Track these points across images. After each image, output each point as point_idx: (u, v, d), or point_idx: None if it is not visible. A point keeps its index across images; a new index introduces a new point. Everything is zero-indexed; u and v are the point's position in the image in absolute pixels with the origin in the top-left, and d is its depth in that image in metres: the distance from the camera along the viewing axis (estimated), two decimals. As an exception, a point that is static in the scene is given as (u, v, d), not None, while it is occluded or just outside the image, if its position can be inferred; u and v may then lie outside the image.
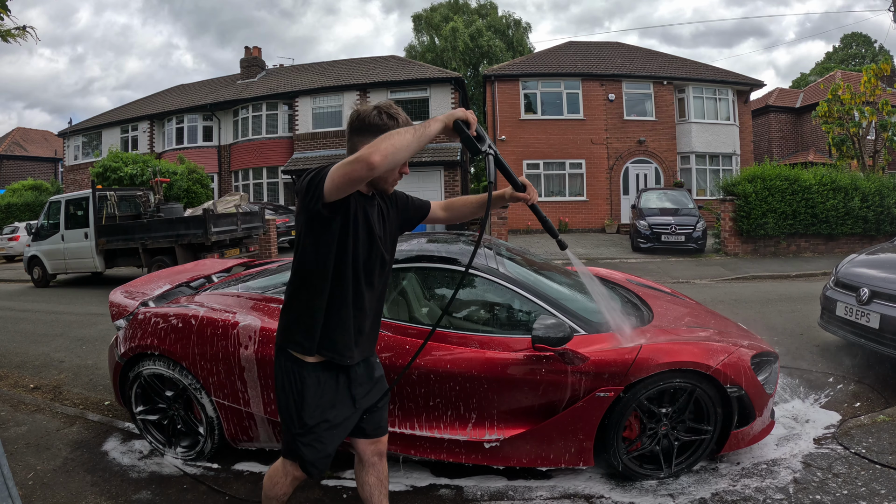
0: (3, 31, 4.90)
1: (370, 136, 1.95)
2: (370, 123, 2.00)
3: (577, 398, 2.97)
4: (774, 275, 11.14)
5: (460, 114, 1.93)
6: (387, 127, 1.97)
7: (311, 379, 2.08)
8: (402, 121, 2.02)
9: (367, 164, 1.75)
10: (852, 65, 42.89)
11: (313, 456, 2.12)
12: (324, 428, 2.10)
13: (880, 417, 3.80)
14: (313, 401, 2.08)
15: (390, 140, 1.78)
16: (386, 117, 2.01)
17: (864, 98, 15.90)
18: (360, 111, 2.06)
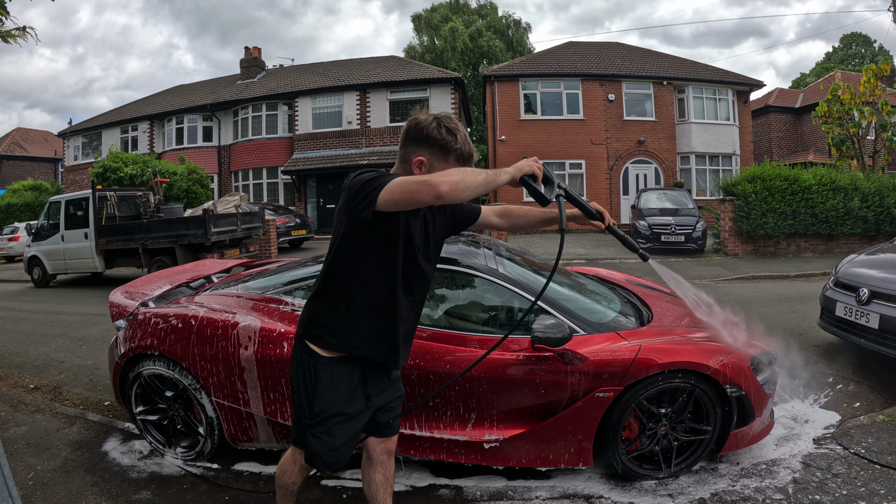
0: (2, 32, 4.91)
1: (426, 148, 1.99)
2: (428, 136, 1.99)
3: (577, 398, 2.97)
4: (774, 275, 11.14)
5: (527, 169, 1.92)
6: (444, 142, 1.97)
7: (325, 373, 2.08)
8: (461, 138, 2.00)
9: (434, 193, 1.74)
10: (852, 65, 42.91)
11: (321, 448, 2.12)
12: (335, 421, 2.10)
13: (880, 418, 3.80)
14: (326, 394, 2.08)
15: (463, 175, 1.78)
16: (445, 132, 1.99)
17: (863, 98, 15.91)
18: (419, 120, 2.02)
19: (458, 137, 1.99)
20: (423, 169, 1.99)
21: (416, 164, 2.00)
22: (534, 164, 1.94)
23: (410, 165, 2.01)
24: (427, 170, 1.99)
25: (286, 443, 3.32)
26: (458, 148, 1.99)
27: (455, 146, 1.99)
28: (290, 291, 3.49)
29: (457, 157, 2.01)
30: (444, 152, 1.99)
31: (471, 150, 2.04)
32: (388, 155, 21.00)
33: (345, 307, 2.05)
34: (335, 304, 2.07)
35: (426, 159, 1.99)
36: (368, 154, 21.25)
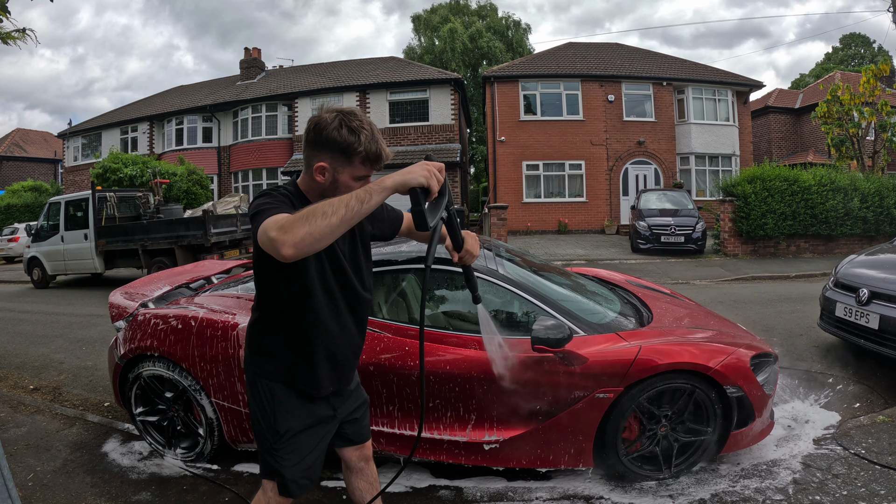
0: (3, 34, 4.91)
1: (326, 152, 1.75)
2: (328, 139, 1.74)
3: (577, 399, 2.97)
4: (774, 275, 11.14)
5: (420, 180, 1.58)
6: (346, 144, 1.72)
7: (281, 390, 1.95)
8: (366, 137, 1.74)
9: (278, 253, 1.49)
10: (852, 65, 42.93)
11: (292, 470, 1.96)
12: (303, 436, 1.98)
13: (880, 418, 3.80)
14: (284, 411, 1.95)
15: (310, 228, 1.47)
16: (347, 132, 1.73)
17: (863, 99, 15.92)
18: (319, 119, 1.77)
19: (361, 137, 1.73)
20: (326, 176, 1.77)
21: (317, 171, 1.78)
22: (429, 173, 1.61)
23: (313, 172, 1.79)
24: (330, 177, 1.77)
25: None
26: (361, 151, 1.74)
27: (359, 148, 1.73)
28: None
29: (362, 160, 1.76)
30: (347, 156, 1.75)
31: (378, 150, 1.77)
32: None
33: (276, 334, 1.93)
34: (265, 330, 1.95)
35: (328, 164, 1.76)
36: (368, 155, 21.25)
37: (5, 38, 4.92)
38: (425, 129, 21.46)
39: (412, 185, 1.58)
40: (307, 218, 1.48)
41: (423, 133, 21.46)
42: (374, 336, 3.17)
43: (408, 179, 1.58)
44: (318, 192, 1.81)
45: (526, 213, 20.72)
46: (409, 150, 21.22)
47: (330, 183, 1.78)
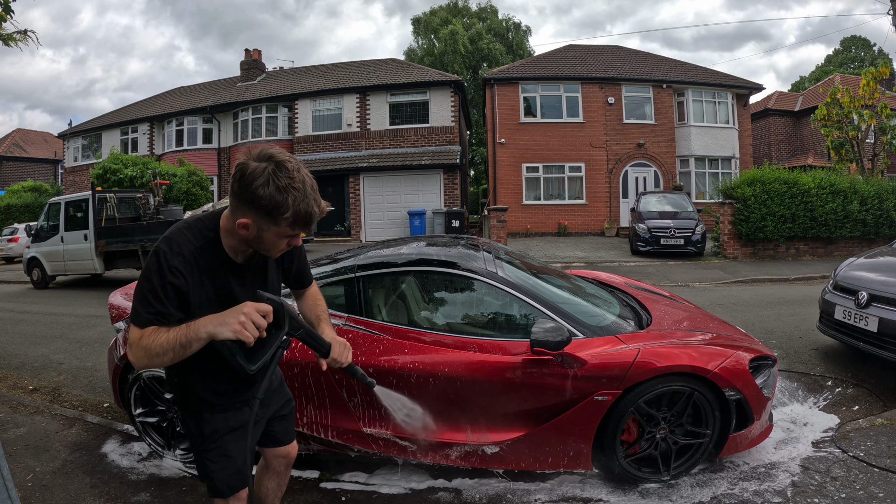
0: (4, 35, 4.92)
1: (251, 210, 1.62)
2: (253, 196, 1.59)
3: (576, 402, 2.97)
4: (773, 278, 11.15)
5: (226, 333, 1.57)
6: (272, 205, 1.59)
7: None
8: (294, 199, 1.60)
9: (129, 359, 1.69)
10: (851, 68, 42.99)
11: (222, 471, 1.96)
12: (230, 438, 1.96)
13: (879, 421, 3.81)
14: (212, 416, 1.96)
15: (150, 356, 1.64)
16: (274, 191, 1.58)
17: (862, 101, 15.93)
18: (246, 169, 1.60)
19: (289, 199, 1.59)
20: (249, 232, 1.66)
21: (240, 226, 1.66)
22: (241, 326, 1.57)
23: (235, 224, 1.68)
24: (253, 234, 1.67)
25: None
26: (289, 215, 1.61)
27: (286, 213, 1.60)
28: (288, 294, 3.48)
29: (290, 224, 1.64)
30: (273, 217, 1.62)
31: (309, 211, 1.64)
32: (388, 157, 21.03)
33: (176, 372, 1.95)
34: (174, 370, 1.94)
35: (251, 221, 1.64)
36: (368, 157, 21.28)
37: (6, 40, 4.92)
38: (425, 131, 21.48)
39: (220, 339, 1.59)
40: (147, 352, 1.64)
41: (423, 135, 21.48)
42: (373, 338, 3.18)
43: (218, 332, 1.59)
44: (240, 239, 1.73)
45: (526, 216, 20.72)
46: (409, 152, 21.25)
47: (253, 237, 1.69)
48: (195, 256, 1.73)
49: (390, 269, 3.46)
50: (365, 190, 21.10)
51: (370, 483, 3.27)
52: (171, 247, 1.70)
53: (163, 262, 1.68)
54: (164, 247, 1.70)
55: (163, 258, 1.68)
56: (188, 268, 1.71)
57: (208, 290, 1.76)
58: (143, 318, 1.67)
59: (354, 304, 3.34)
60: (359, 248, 4.00)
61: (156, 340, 1.63)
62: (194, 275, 1.72)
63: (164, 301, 1.67)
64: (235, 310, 1.61)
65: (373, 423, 3.15)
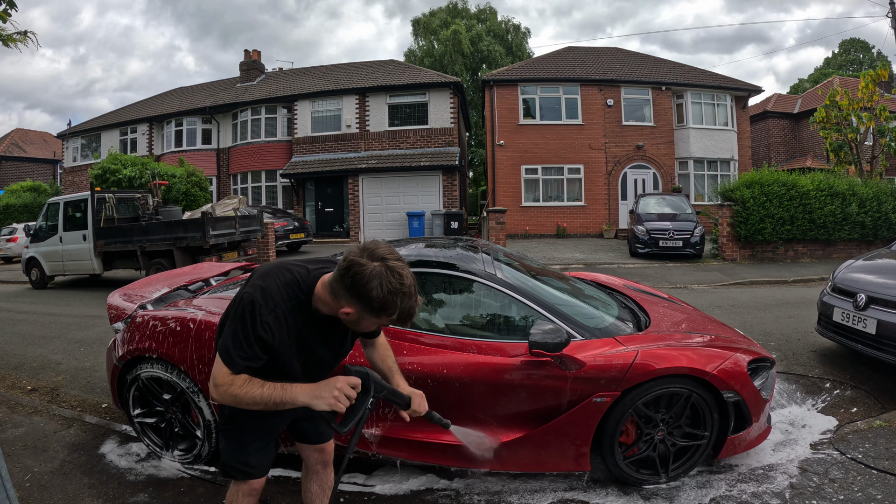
0: (4, 36, 4.91)
1: (359, 303, 1.75)
2: (366, 295, 1.72)
3: (574, 403, 2.97)
4: (772, 280, 11.16)
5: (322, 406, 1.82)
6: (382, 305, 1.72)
7: None
8: (402, 302, 1.74)
9: (212, 394, 1.83)
10: (851, 70, 43.06)
11: (230, 455, 2.08)
12: (248, 424, 2.06)
13: (877, 423, 3.81)
14: None
15: (238, 401, 1.81)
16: (387, 293, 1.71)
17: (861, 104, 15.95)
18: (362, 270, 1.72)
19: (398, 301, 1.73)
20: (350, 318, 1.81)
21: (342, 313, 1.82)
22: (335, 400, 1.81)
23: (338, 308, 1.83)
24: (353, 319, 1.81)
25: (284, 445, 3.32)
26: (395, 316, 1.76)
27: (393, 314, 1.75)
28: None
29: (393, 322, 1.80)
30: (377, 314, 1.76)
31: (411, 311, 1.78)
32: (387, 159, 21.02)
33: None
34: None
35: (354, 311, 1.78)
36: (367, 158, 21.28)
37: (6, 41, 4.92)
38: (424, 133, 21.48)
39: (318, 410, 1.82)
40: (236, 399, 1.80)
41: (423, 136, 21.48)
42: (372, 339, 3.17)
43: (314, 404, 1.81)
44: (332, 311, 1.86)
45: (524, 217, 20.73)
46: (408, 154, 21.24)
47: (352, 321, 1.84)
48: (286, 317, 1.86)
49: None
50: (364, 191, 21.09)
51: (369, 484, 3.28)
52: (267, 301, 1.83)
53: (257, 315, 1.81)
54: (259, 299, 1.82)
55: (258, 310, 1.81)
56: (278, 325, 1.84)
57: (293, 345, 1.91)
58: (237, 364, 1.81)
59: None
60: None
61: (249, 392, 1.80)
62: (282, 332, 1.86)
63: (255, 348, 1.82)
64: (330, 384, 1.84)
65: (371, 423, 3.15)
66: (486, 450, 2.79)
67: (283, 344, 1.87)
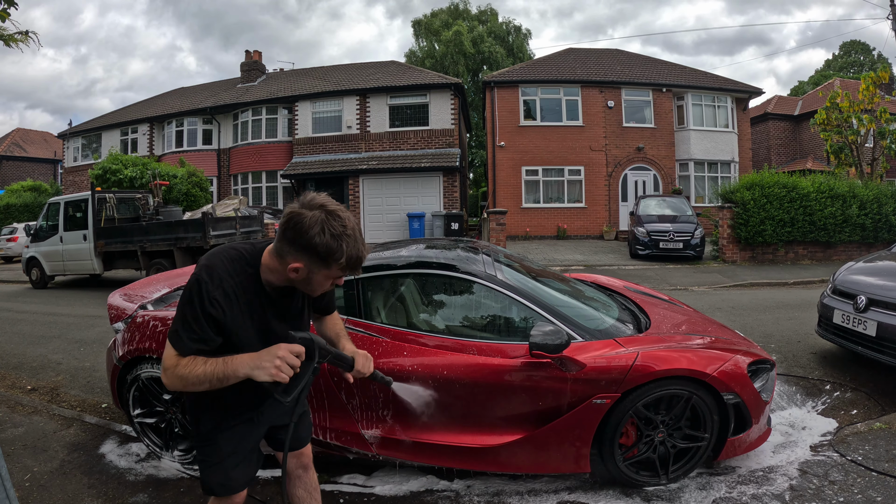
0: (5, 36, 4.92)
1: (304, 256, 1.72)
2: (309, 244, 1.69)
3: (575, 405, 2.97)
4: (772, 282, 11.16)
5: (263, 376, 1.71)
6: (327, 251, 1.69)
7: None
8: (348, 245, 1.71)
9: (163, 380, 1.78)
10: (851, 72, 43.06)
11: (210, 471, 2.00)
12: (224, 437, 1.99)
13: (877, 425, 3.81)
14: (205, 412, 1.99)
15: (186, 384, 1.75)
16: (329, 238, 1.68)
17: (862, 106, 15.94)
18: (301, 218, 1.70)
19: (343, 246, 1.70)
20: (299, 275, 1.77)
21: (290, 270, 1.76)
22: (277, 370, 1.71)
23: (285, 267, 1.77)
24: (304, 277, 1.77)
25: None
26: (343, 260, 1.72)
27: (340, 259, 1.71)
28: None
29: (342, 268, 1.75)
30: (326, 262, 1.72)
31: (360, 255, 1.75)
32: (388, 160, 21.02)
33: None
34: None
35: (304, 265, 1.74)
36: (368, 158, 21.28)
37: (7, 41, 4.92)
38: (425, 134, 21.49)
39: (259, 381, 1.72)
40: (183, 381, 1.74)
41: (423, 137, 21.49)
42: (372, 340, 3.18)
43: (255, 375, 1.72)
44: (284, 278, 1.82)
45: (525, 219, 20.73)
46: (408, 155, 21.24)
47: (302, 280, 1.79)
48: (235, 293, 1.80)
49: (389, 272, 3.47)
50: (364, 192, 21.10)
51: (368, 485, 3.28)
52: (213, 278, 1.78)
53: (204, 293, 1.75)
54: (205, 277, 1.77)
55: (204, 288, 1.75)
56: (228, 301, 1.78)
57: (246, 323, 1.85)
58: (187, 346, 1.76)
59: (353, 306, 3.34)
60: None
61: (193, 371, 1.74)
62: (234, 308, 1.80)
63: (205, 328, 1.76)
64: (271, 352, 1.73)
65: (371, 424, 3.15)
66: (426, 404, 2.84)
67: (237, 323, 1.81)
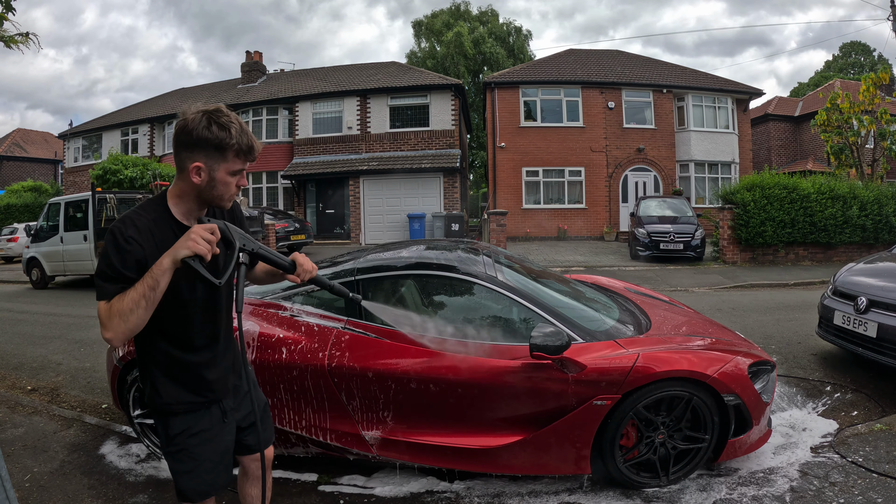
0: (5, 38, 4.92)
1: (200, 151, 1.77)
2: (199, 137, 1.75)
3: (575, 406, 2.97)
4: (772, 283, 11.15)
5: (184, 252, 1.67)
6: (218, 140, 1.76)
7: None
8: (236, 131, 1.78)
9: (108, 341, 1.73)
10: (851, 73, 43.06)
11: (187, 474, 1.96)
12: (194, 442, 1.96)
13: (877, 426, 3.81)
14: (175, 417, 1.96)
15: (127, 321, 1.67)
16: (217, 129, 1.75)
17: (862, 107, 15.94)
18: (186, 120, 1.77)
19: (232, 132, 1.77)
20: (203, 175, 1.79)
21: (193, 172, 1.79)
22: (194, 242, 1.68)
23: (188, 174, 1.80)
24: (206, 175, 1.80)
25: (283, 447, 3.32)
26: (234, 144, 1.78)
27: (231, 142, 1.77)
28: (289, 297, 3.49)
29: (236, 153, 1.80)
30: (221, 151, 1.78)
31: (250, 142, 1.83)
32: (388, 160, 21.03)
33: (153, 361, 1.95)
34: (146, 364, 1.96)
35: (203, 164, 1.78)
36: (368, 159, 21.29)
37: (8, 42, 4.92)
38: (425, 135, 21.50)
39: (182, 258, 1.68)
40: (121, 316, 1.67)
41: (424, 138, 21.50)
42: (373, 342, 3.18)
43: (176, 254, 1.68)
44: (195, 194, 1.85)
45: (525, 220, 20.74)
46: (409, 156, 21.25)
47: (207, 182, 1.81)
48: (149, 228, 1.79)
49: (390, 273, 3.47)
50: (365, 193, 21.10)
51: (368, 486, 3.27)
52: (125, 221, 1.79)
53: (118, 236, 1.74)
54: (118, 224, 1.78)
55: (118, 232, 1.75)
56: (143, 237, 1.77)
57: None
58: (108, 289, 1.72)
59: (354, 307, 3.34)
60: (358, 252, 4.01)
61: (123, 300, 1.68)
62: (150, 245, 1.77)
63: (124, 270, 1.72)
64: (185, 235, 1.71)
65: (371, 426, 3.15)
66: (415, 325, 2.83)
67: (156, 258, 1.74)
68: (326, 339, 3.21)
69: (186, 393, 1.95)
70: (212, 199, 1.87)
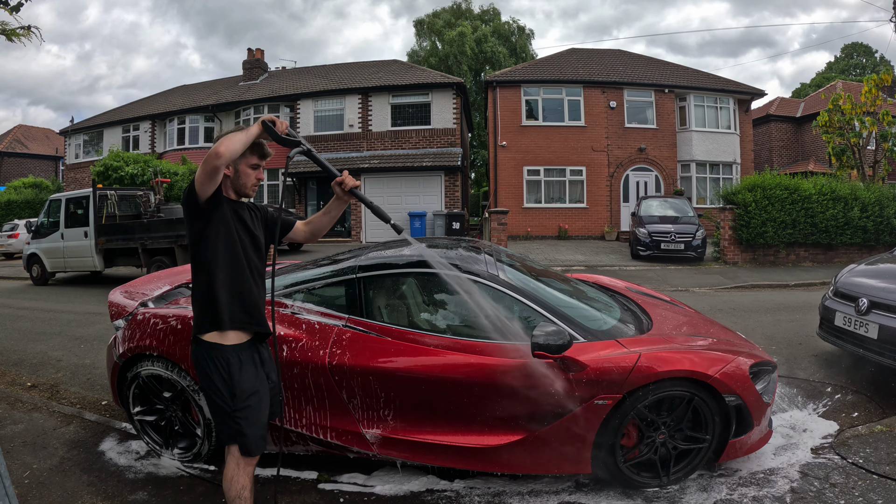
0: (7, 31, 4.91)
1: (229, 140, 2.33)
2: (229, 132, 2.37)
3: (576, 405, 2.96)
4: (773, 284, 11.15)
5: (267, 118, 2.37)
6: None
7: (234, 358, 2.37)
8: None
9: (215, 154, 2.20)
10: (853, 75, 43.01)
11: (251, 428, 2.36)
12: (255, 400, 2.39)
13: (878, 427, 3.80)
14: (240, 377, 2.36)
15: (229, 138, 2.25)
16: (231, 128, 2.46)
17: (864, 108, 15.93)
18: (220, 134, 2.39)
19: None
20: (230, 169, 2.43)
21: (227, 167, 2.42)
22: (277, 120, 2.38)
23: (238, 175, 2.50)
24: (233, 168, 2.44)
25: (284, 446, 3.31)
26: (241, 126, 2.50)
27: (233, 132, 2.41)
28: (289, 294, 3.49)
29: (251, 150, 2.43)
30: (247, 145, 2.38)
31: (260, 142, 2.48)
32: (389, 159, 21.03)
33: (218, 289, 2.38)
34: (210, 290, 2.39)
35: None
36: (369, 157, 21.28)
37: (10, 35, 4.91)
38: (427, 133, 21.48)
39: (263, 120, 2.35)
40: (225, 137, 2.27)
41: (425, 137, 21.48)
42: (373, 339, 3.17)
43: (261, 119, 2.36)
44: (229, 184, 2.47)
45: (526, 219, 20.73)
46: (410, 154, 21.24)
47: (234, 174, 2.45)
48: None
49: (391, 271, 3.46)
50: (366, 191, 21.03)
51: (368, 484, 3.27)
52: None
53: None
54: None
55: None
56: None
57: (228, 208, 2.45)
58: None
59: (355, 305, 3.33)
60: (359, 249, 4.00)
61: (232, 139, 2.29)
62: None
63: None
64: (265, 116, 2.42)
65: (372, 424, 3.14)
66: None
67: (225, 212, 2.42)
68: (327, 336, 3.20)
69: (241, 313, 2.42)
70: (239, 188, 2.49)
